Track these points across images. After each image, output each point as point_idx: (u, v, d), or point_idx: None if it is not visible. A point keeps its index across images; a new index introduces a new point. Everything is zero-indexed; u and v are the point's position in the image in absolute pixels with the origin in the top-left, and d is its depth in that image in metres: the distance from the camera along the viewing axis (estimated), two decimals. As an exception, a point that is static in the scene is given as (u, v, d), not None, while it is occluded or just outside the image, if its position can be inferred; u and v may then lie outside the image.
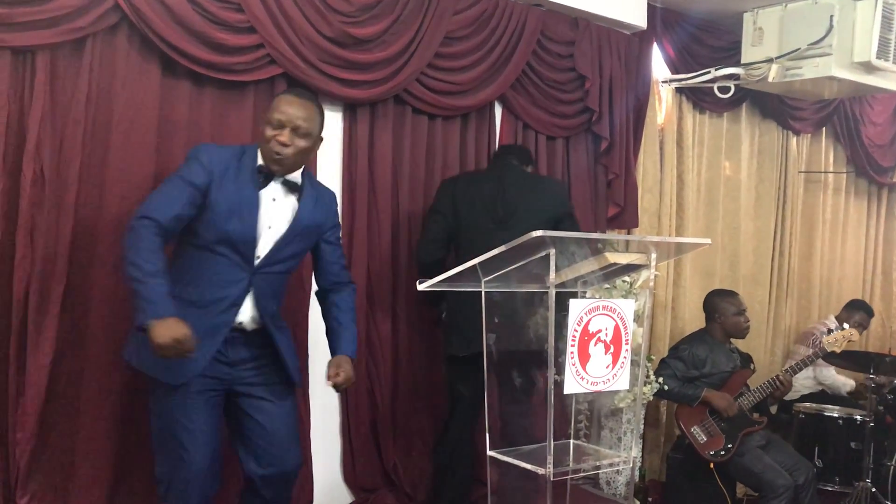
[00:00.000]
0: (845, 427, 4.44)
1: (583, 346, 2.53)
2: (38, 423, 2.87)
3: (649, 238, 2.90)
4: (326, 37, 3.38)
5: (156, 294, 2.37)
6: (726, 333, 4.34)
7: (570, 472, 2.69)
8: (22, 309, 2.84)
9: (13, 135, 2.82)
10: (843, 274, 6.15)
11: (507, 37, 3.96)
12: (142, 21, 2.94)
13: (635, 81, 4.52)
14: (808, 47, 4.33)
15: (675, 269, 5.01)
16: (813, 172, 5.86)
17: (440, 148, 3.91)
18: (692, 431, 4.09)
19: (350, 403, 3.70)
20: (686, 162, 5.00)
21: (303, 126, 2.64)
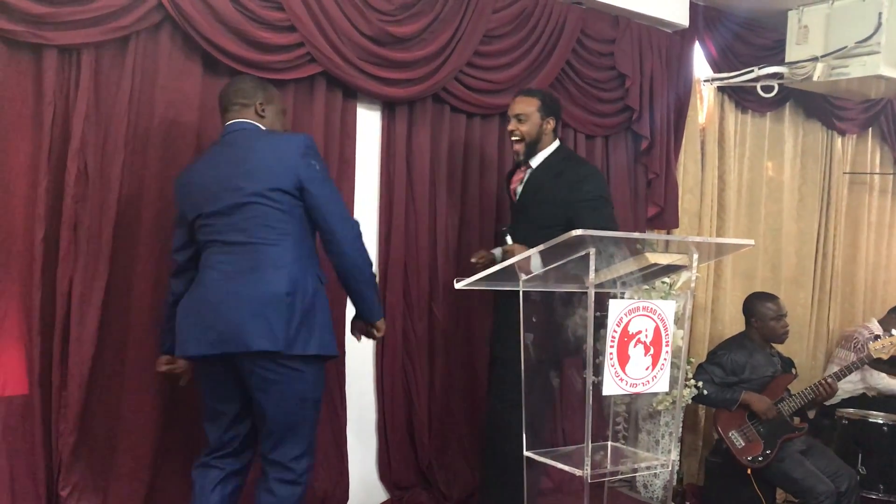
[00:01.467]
0: (890, 434, 4.33)
1: (622, 348, 2.50)
2: (80, 416, 2.92)
3: (691, 238, 2.84)
4: (366, 35, 3.39)
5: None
6: (763, 337, 4.27)
7: (607, 474, 2.66)
8: (65, 303, 2.89)
9: (58, 132, 2.87)
10: (888, 277, 6.02)
11: (546, 35, 3.94)
12: (184, 20, 2.97)
13: (676, 80, 4.46)
14: (855, 45, 4.24)
15: (716, 270, 4.94)
16: (858, 174, 5.74)
17: (478, 146, 3.90)
18: (730, 436, 4.03)
19: (386, 402, 3.70)
20: (728, 162, 4.93)
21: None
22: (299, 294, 2.49)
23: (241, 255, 2.53)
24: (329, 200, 2.58)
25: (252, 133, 2.67)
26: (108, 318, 2.97)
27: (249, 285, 2.48)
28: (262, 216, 2.53)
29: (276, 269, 2.49)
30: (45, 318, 2.89)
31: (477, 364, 3.91)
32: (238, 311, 2.47)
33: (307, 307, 2.51)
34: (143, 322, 3.02)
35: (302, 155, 2.56)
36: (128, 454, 3.02)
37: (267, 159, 2.57)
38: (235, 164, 2.58)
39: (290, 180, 2.54)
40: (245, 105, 2.70)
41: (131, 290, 3.01)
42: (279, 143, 2.62)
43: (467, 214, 3.88)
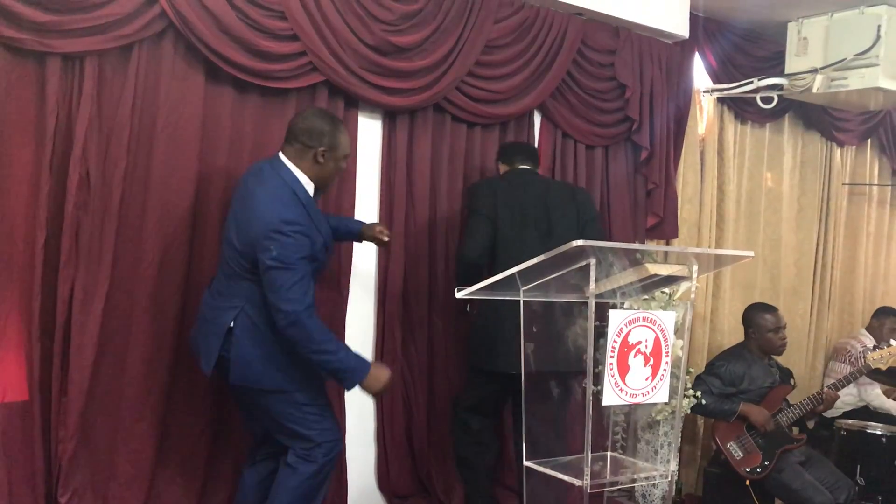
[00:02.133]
0: (889, 444, 4.34)
1: (622, 358, 2.51)
2: (79, 422, 2.92)
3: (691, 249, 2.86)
4: (368, 45, 3.41)
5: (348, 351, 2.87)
6: (761, 349, 4.27)
7: (606, 484, 2.66)
8: (66, 309, 2.89)
9: (61, 139, 2.88)
10: (886, 288, 6.03)
11: (547, 45, 3.96)
12: (187, 28, 2.98)
13: (676, 91, 4.48)
14: (854, 57, 4.26)
15: (715, 281, 4.95)
16: (857, 185, 5.76)
17: (479, 156, 3.91)
18: (728, 447, 4.03)
19: (385, 410, 3.70)
20: (727, 173, 4.95)
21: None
22: (246, 332, 2.72)
23: (219, 285, 2.84)
24: (268, 287, 2.65)
25: (276, 182, 2.75)
26: (109, 325, 2.97)
27: (212, 314, 2.80)
28: (234, 258, 2.75)
29: (230, 309, 2.74)
30: (46, 323, 2.89)
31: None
32: (202, 334, 2.83)
33: (252, 344, 2.73)
34: (143, 329, 3.03)
35: (264, 237, 2.63)
36: (127, 461, 3.03)
37: (251, 222, 2.69)
38: (243, 205, 2.76)
39: (250, 254, 2.69)
40: (307, 147, 2.79)
41: (133, 297, 3.02)
42: (261, 211, 2.68)
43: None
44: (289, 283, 2.62)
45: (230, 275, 2.77)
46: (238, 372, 2.74)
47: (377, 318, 3.70)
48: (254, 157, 3.26)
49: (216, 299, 2.82)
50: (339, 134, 2.84)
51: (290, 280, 2.62)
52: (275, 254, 2.60)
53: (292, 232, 2.63)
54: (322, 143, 2.78)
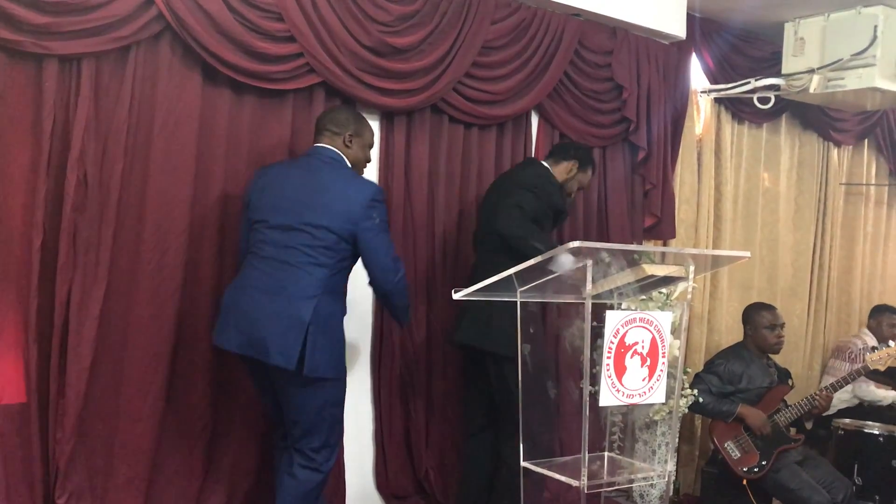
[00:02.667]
0: (886, 444, 4.34)
1: (619, 359, 2.51)
2: (77, 424, 2.92)
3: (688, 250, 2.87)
4: (365, 46, 3.41)
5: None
6: (758, 347, 4.28)
7: (604, 484, 2.67)
8: (63, 312, 2.89)
9: (58, 141, 2.87)
10: (884, 288, 6.04)
11: (544, 46, 3.96)
12: (184, 30, 2.98)
13: (673, 91, 4.49)
14: (850, 58, 4.27)
15: (712, 281, 4.95)
16: (854, 184, 5.77)
17: (476, 157, 3.92)
18: (725, 447, 4.04)
19: (384, 411, 3.71)
20: (724, 173, 4.95)
21: None
22: (320, 323, 2.80)
23: (278, 273, 2.84)
24: (376, 252, 2.90)
25: (334, 166, 2.97)
26: (107, 327, 2.97)
27: (279, 305, 2.80)
28: (309, 244, 2.83)
29: (306, 299, 2.80)
30: (43, 326, 2.89)
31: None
32: (266, 326, 2.80)
33: (323, 334, 2.82)
34: (141, 331, 3.03)
35: (366, 207, 2.86)
36: (125, 462, 3.02)
37: (335, 201, 2.86)
38: (308, 191, 2.88)
39: (346, 229, 2.85)
40: (335, 133, 3.01)
41: (130, 299, 3.02)
42: (350, 189, 2.90)
43: (465, 225, 3.89)
44: (389, 243, 2.95)
45: (296, 265, 2.83)
46: (313, 364, 2.79)
47: (375, 319, 3.70)
48: (251, 158, 3.26)
49: (277, 294, 2.83)
50: (363, 122, 3.10)
51: (389, 241, 2.95)
52: (378, 220, 2.88)
53: (383, 199, 2.98)
54: (348, 128, 3.02)
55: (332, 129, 3.02)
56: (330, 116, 3.06)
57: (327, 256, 2.84)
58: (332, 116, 3.06)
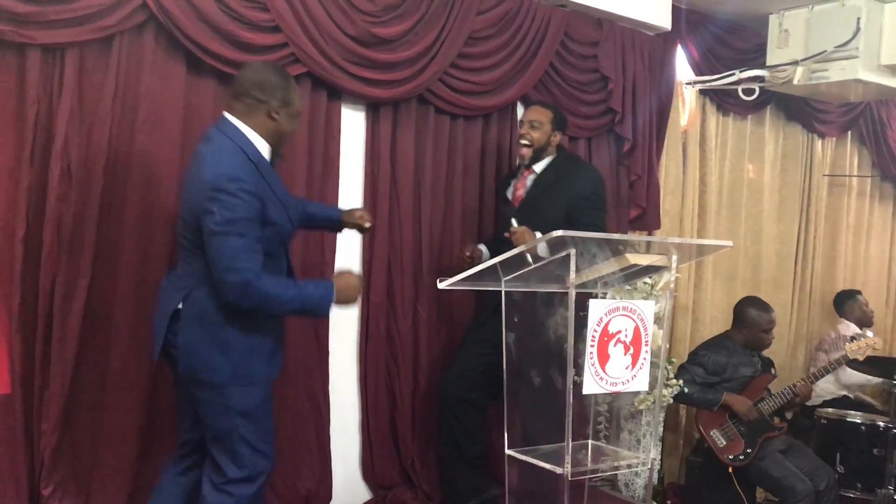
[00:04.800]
0: (868, 433, 4.39)
1: (602, 347, 2.53)
2: (62, 415, 2.92)
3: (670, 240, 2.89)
4: (350, 36, 3.41)
5: (307, 285, 2.56)
6: (747, 343, 4.31)
7: (587, 472, 2.69)
8: (48, 302, 2.89)
9: (42, 131, 2.86)
10: (866, 278, 6.10)
11: (530, 37, 3.97)
12: (169, 20, 2.97)
13: (659, 83, 4.50)
14: (834, 50, 4.30)
15: (697, 271, 4.98)
16: (837, 176, 5.81)
17: (462, 147, 3.92)
18: (711, 435, 4.07)
19: (370, 401, 3.72)
20: (709, 164, 4.98)
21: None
22: (193, 317, 2.47)
23: (176, 268, 2.61)
24: (214, 257, 2.38)
25: (217, 143, 2.47)
26: (91, 318, 2.97)
27: (168, 302, 2.53)
28: (186, 234, 2.50)
29: (178, 291, 2.50)
30: (27, 316, 2.88)
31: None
32: (159, 326, 2.55)
33: (200, 330, 2.47)
34: (126, 321, 3.02)
35: (206, 197, 2.36)
36: (111, 453, 3.02)
37: (193, 186, 2.44)
38: (191, 172, 2.51)
39: (194, 220, 2.43)
40: (259, 101, 2.50)
41: (115, 290, 3.01)
42: (204, 168, 2.40)
43: (451, 214, 3.90)
44: (234, 250, 2.35)
45: (183, 255, 2.55)
46: (183, 359, 2.48)
47: (361, 310, 3.71)
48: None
49: (170, 280, 2.61)
50: (291, 89, 2.58)
51: (235, 246, 2.35)
52: (217, 217, 2.33)
53: (238, 190, 2.35)
54: (275, 97, 2.51)
55: (256, 95, 2.49)
56: (257, 79, 2.51)
57: (201, 247, 2.43)
58: (259, 79, 2.51)
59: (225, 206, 2.34)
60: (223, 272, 2.36)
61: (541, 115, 3.64)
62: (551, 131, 3.63)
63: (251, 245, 2.39)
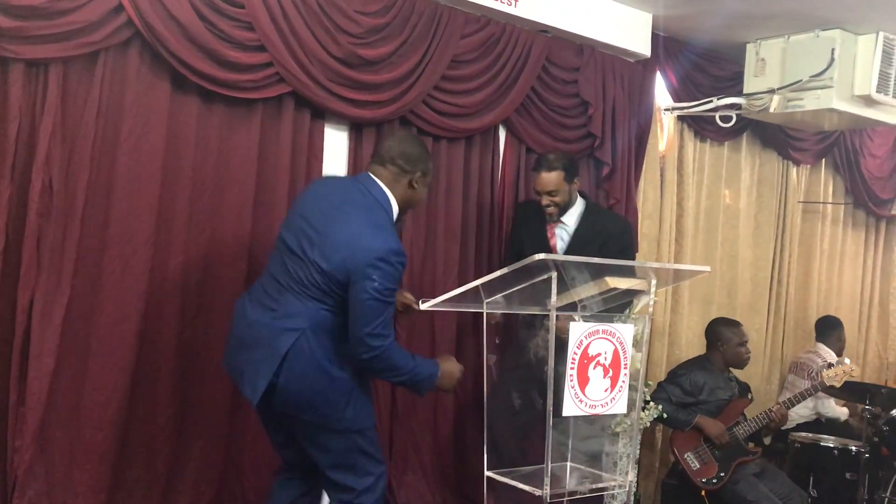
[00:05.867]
0: (840, 457, 4.44)
1: (582, 369, 2.55)
2: (37, 432, 2.89)
3: (649, 264, 2.92)
4: (335, 57, 3.43)
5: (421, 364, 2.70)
6: (726, 362, 4.35)
7: (566, 493, 2.70)
8: (26, 318, 2.86)
9: (23, 146, 2.85)
10: (839, 304, 6.17)
11: (512, 62, 4.01)
12: (154, 37, 2.98)
13: (638, 109, 4.56)
14: (809, 79, 4.38)
15: (674, 295, 5.03)
16: (812, 203, 5.90)
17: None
18: (685, 458, 4.10)
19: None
20: (686, 189, 5.04)
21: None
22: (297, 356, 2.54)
23: (272, 299, 2.63)
24: (361, 319, 2.51)
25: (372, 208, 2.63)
26: (69, 334, 2.94)
27: (274, 343, 2.56)
28: (319, 281, 2.55)
29: (286, 332, 2.55)
30: (4, 332, 2.86)
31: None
32: (245, 353, 2.63)
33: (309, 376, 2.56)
34: (104, 338, 3.00)
35: (369, 265, 2.49)
36: (86, 471, 2.99)
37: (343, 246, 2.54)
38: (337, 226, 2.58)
39: (342, 279, 2.53)
40: (403, 171, 2.69)
41: (94, 307, 2.99)
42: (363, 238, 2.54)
43: (433, 236, 3.91)
44: (382, 316, 2.51)
45: (292, 290, 2.59)
46: (283, 399, 2.57)
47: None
48: (219, 166, 3.26)
49: (267, 315, 2.61)
50: (430, 160, 2.82)
51: (384, 313, 2.52)
52: (377, 284, 2.48)
53: (398, 263, 2.54)
54: (418, 168, 2.70)
55: (401, 164, 2.68)
56: (404, 150, 2.70)
57: (328, 294, 2.57)
58: (407, 150, 2.70)
59: (387, 277, 2.50)
60: (368, 336, 2.50)
61: (553, 182, 3.62)
62: (569, 186, 3.66)
63: (391, 313, 2.57)
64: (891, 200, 6.35)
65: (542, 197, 3.68)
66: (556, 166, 3.65)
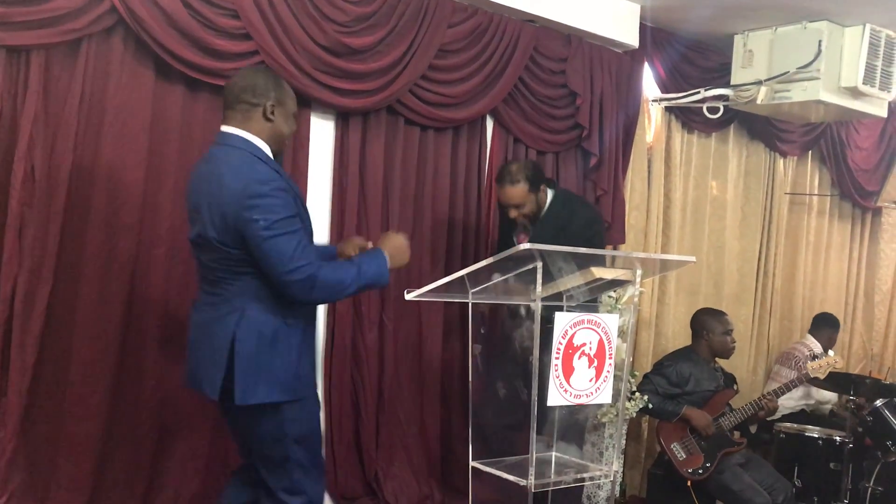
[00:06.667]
0: (825, 448, 4.47)
1: (567, 359, 2.55)
2: (19, 423, 2.87)
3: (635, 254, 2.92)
4: (321, 45, 3.41)
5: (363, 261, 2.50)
6: (712, 352, 4.37)
7: (551, 484, 2.70)
8: (7, 308, 2.84)
9: (5, 133, 2.83)
10: (825, 296, 6.21)
11: (500, 51, 4.00)
12: (138, 24, 2.95)
13: (626, 99, 4.56)
14: (796, 71, 4.39)
15: (660, 286, 5.04)
16: (798, 194, 5.92)
17: (431, 159, 3.94)
18: (672, 448, 4.12)
19: (334, 413, 3.70)
20: (673, 180, 5.05)
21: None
22: (249, 341, 2.35)
23: (209, 294, 2.46)
24: (271, 262, 2.30)
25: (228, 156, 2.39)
26: (52, 324, 2.92)
27: (219, 334, 2.38)
28: (222, 256, 2.36)
29: (229, 315, 2.37)
30: (-14, 322, 2.84)
31: (427, 375, 3.94)
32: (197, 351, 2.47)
33: (258, 354, 2.36)
34: (88, 328, 2.98)
35: (244, 209, 2.28)
36: (69, 462, 2.98)
37: (220, 206, 2.32)
38: (208, 192, 2.37)
39: (231, 239, 2.32)
40: (253, 105, 2.42)
41: (77, 296, 2.97)
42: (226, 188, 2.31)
43: (420, 225, 3.91)
44: (291, 247, 2.29)
45: (217, 280, 2.41)
46: (243, 390, 2.35)
47: (327, 319, 3.69)
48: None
49: (208, 312, 2.44)
50: (284, 87, 2.51)
51: (288, 245, 2.29)
52: (262, 223, 2.27)
53: (273, 190, 2.31)
54: (269, 97, 2.43)
55: (248, 99, 2.41)
56: (246, 83, 2.43)
57: (244, 262, 2.35)
58: (249, 83, 2.43)
59: (266, 210, 2.28)
60: (285, 274, 2.30)
61: (517, 195, 3.49)
62: (536, 195, 3.53)
63: (302, 240, 2.35)
64: (876, 192, 6.38)
65: (508, 210, 3.57)
66: (519, 178, 3.51)
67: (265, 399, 2.37)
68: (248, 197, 2.28)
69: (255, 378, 2.36)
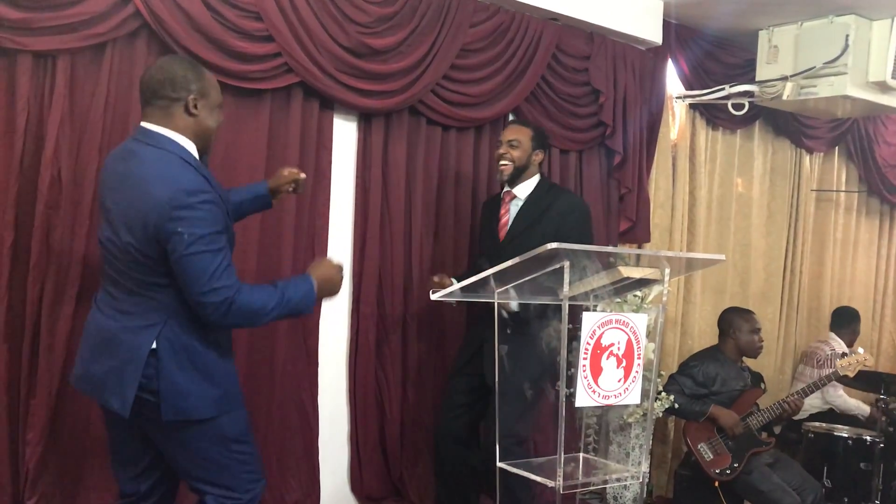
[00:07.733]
0: (855, 447, 4.41)
1: (595, 360, 2.53)
2: (48, 425, 2.89)
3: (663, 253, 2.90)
4: (343, 46, 3.41)
5: (288, 287, 2.34)
6: (739, 351, 4.32)
7: (579, 485, 2.68)
8: (35, 311, 2.86)
9: (31, 138, 2.85)
10: (853, 294, 6.13)
11: (522, 50, 3.98)
12: (161, 28, 2.97)
13: (649, 97, 4.52)
14: (823, 66, 4.33)
15: (686, 285, 5.00)
16: (825, 191, 5.85)
17: (454, 159, 3.92)
18: (699, 448, 4.08)
19: (358, 413, 3.70)
20: (698, 178, 5.01)
21: None
22: (172, 357, 2.22)
23: (118, 301, 2.29)
24: (190, 278, 2.16)
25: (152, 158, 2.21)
26: (80, 327, 2.91)
27: (130, 346, 2.23)
28: (139, 264, 2.21)
29: (145, 329, 2.22)
30: (14, 325, 2.85)
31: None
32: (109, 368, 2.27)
33: (181, 370, 2.24)
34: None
35: (168, 220, 2.12)
36: (97, 465, 2.99)
37: (140, 212, 2.16)
38: (128, 195, 2.21)
39: (152, 249, 2.18)
40: (174, 100, 2.24)
41: (103, 299, 2.98)
42: (149, 194, 2.15)
43: (442, 227, 3.90)
44: (212, 266, 2.15)
45: (132, 288, 2.25)
46: (171, 405, 2.22)
47: (351, 320, 3.69)
48: (226, 157, 3.24)
49: (120, 320, 2.27)
50: (206, 76, 2.32)
51: (213, 263, 2.15)
52: (186, 237, 2.11)
53: (199, 203, 2.14)
54: (190, 89, 2.25)
55: (167, 94, 2.23)
56: (164, 76, 2.24)
57: (164, 274, 2.20)
58: (167, 76, 2.24)
59: (191, 223, 2.13)
60: (201, 295, 2.16)
61: (519, 133, 3.48)
62: (532, 150, 3.47)
63: (224, 259, 2.20)
64: (905, 188, 6.30)
65: (501, 146, 3.48)
66: (528, 125, 3.58)
67: (200, 416, 2.26)
68: (174, 208, 2.12)
69: (185, 394, 2.23)
